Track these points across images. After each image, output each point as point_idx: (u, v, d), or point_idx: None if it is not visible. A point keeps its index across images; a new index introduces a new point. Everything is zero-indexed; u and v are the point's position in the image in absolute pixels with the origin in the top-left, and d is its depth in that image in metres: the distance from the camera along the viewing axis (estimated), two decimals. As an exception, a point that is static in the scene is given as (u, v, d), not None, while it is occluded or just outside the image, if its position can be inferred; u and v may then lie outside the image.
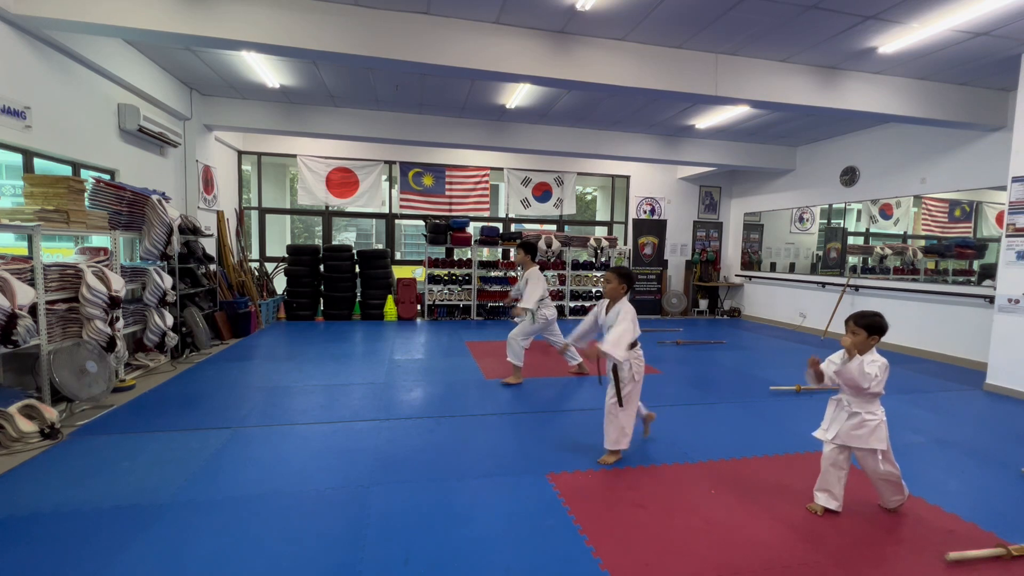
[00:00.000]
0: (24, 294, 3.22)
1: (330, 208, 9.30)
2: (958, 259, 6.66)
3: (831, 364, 2.55)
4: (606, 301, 3.26)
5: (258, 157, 8.93)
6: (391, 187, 9.43)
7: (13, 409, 3.19)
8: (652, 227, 10.12)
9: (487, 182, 9.69)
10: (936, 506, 2.70)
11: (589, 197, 13.26)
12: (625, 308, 3.09)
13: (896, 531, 2.45)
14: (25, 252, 3.57)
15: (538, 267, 5.07)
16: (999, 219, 5.91)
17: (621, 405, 3.05)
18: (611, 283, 3.17)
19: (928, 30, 4.45)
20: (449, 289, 9.09)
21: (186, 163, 6.76)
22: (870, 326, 2.44)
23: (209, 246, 7.17)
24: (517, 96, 6.58)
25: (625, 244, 10.39)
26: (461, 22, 4.59)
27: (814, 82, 5.47)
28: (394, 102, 7.12)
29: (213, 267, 6.87)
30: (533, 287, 4.87)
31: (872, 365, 2.41)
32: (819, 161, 8.61)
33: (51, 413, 3.33)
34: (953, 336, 6.41)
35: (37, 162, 4.28)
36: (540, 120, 7.87)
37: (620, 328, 2.99)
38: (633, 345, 3.06)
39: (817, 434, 2.62)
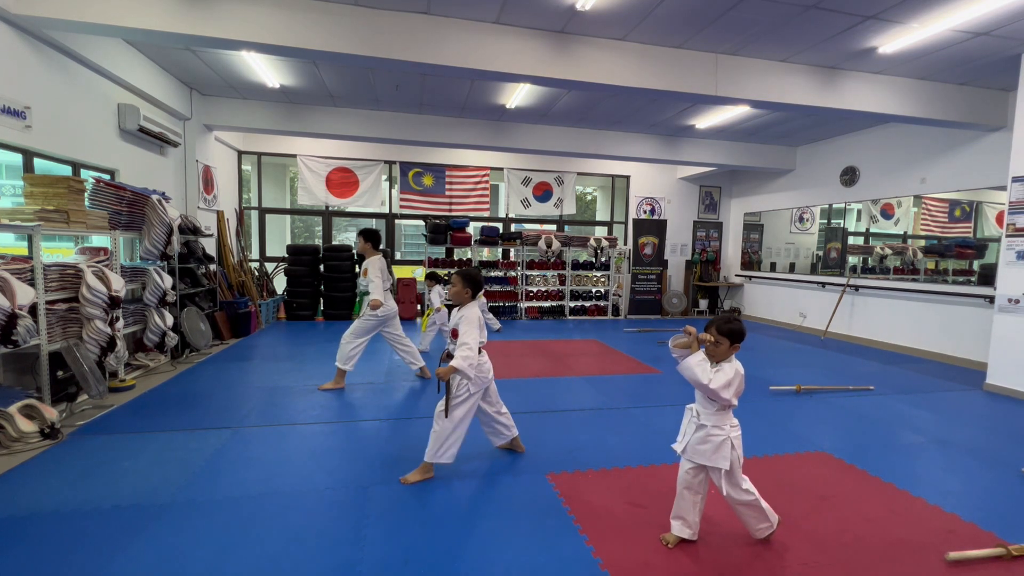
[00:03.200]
0: (24, 294, 3.22)
1: (330, 208, 9.30)
2: (958, 259, 6.65)
3: (695, 356, 2.16)
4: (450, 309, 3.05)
5: (258, 157, 8.93)
6: (391, 187, 9.44)
7: (13, 409, 3.19)
8: (652, 227, 10.12)
9: (487, 182, 9.68)
10: (936, 506, 2.70)
11: (589, 197, 13.26)
12: (468, 314, 2.85)
13: (896, 531, 2.45)
14: (25, 252, 3.57)
15: (381, 256, 4.64)
16: (999, 219, 5.91)
17: (447, 415, 2.80)
18: (455, 286, 2.96)
19: (928, 30, 4.45)
20: (449, 289, 9.07)
21: (186, 163, 6.75)
22: (734, 333, 2.15)
23: (209, 246, 7.17)
24: (517, 96, 6.58)
25: (625, 244, 10.39)
26: (461, 22, 4.59)
27: (814, 82, 5.47)
28: (394, 102, 7.12)
29: (213, 267, 6.87)
30: (375, 278, 4.47)
31: (721, 375, 2.11)
32: (819, 161, 8.61)
33: (51, 413, 3.33)
34: (953, 336, 6.41)
35: (37, 162, 4.28)
36: (540, 120, 7.87)
37: (465, 340, 2.74)
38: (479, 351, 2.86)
39: (675, 446, 2.33)
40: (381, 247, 4.89)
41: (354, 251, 8.75)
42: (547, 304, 9.64)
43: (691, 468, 2.24)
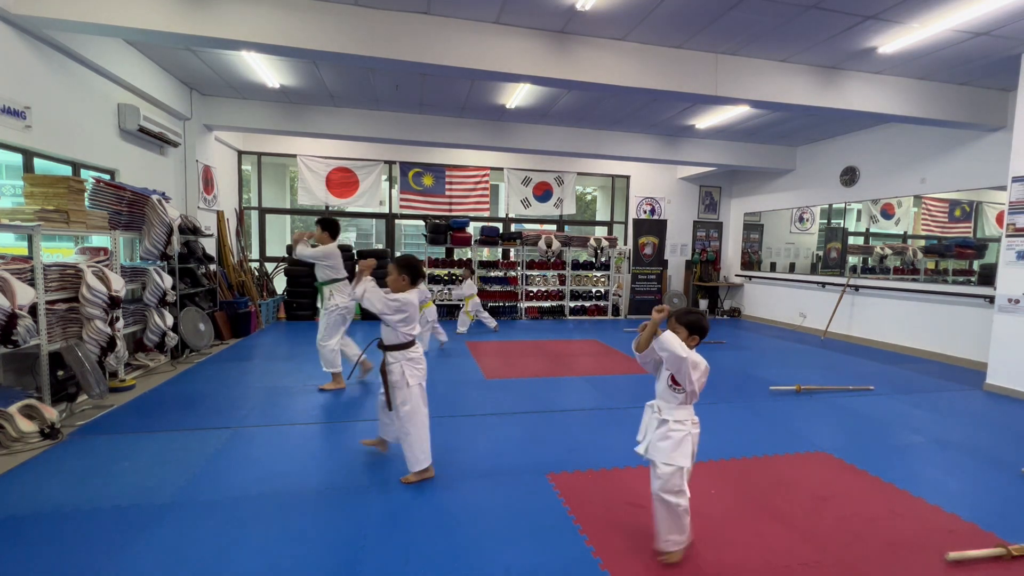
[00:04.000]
0: (24, 294, 3.22)
1: (330, 208, 9.30)
2: (958, 259, 6.66)
3: (670, 333, 2.10)
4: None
5: (258, 157, 8.93)
6: (391, 187, 9.43)
7: (13, 409, 3.19)
8: (652, 227, 10.12)
9: (487, 182, 9.68)
10: (936, 506, 2.70)
11: (589, 197, 13.26)
12: (408, 296, 2.79)
13: (896, 531, 2.45)
14: (25, 252, 3.57)
15: (335, 245, 4.55)
16: (999, 219, 5.91)
17: (390, 408, 2.83)
18: (391, 274, 2.88)
19: (928, 30, 4.45)
20: (449, 289, 9.08)
21: (186, 163, 6.75)
22: (692, 324, 2.11)
23: (209, 246, 7.17)
24: (517, 96, 6.58)
25: (625, 244, 10.39)
26: (461, 22, 4.59)
27: (814, 82, 5.47)
28: (394, 102, 7.12)
29: (213, 267, 6.87)
30: (313, 250, 4.39)
31: (696, 355, 2.07)
32: (819, 161, 8.61)
33: (51, 413, 3.33)
34: (953, 336, 6.41)
35: (37, 162, 4.28)
36: (540, 120, 7.87)
37: (386, 297, 2.74)
38: (408, 345, 2.82)
39: (638, 449, 2.21)
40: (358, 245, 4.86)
41: (353, 251, 8.75)
42: (547, 304, 9.64)
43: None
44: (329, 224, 4.59)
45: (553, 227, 10.26)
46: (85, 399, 3.92)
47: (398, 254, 10.89)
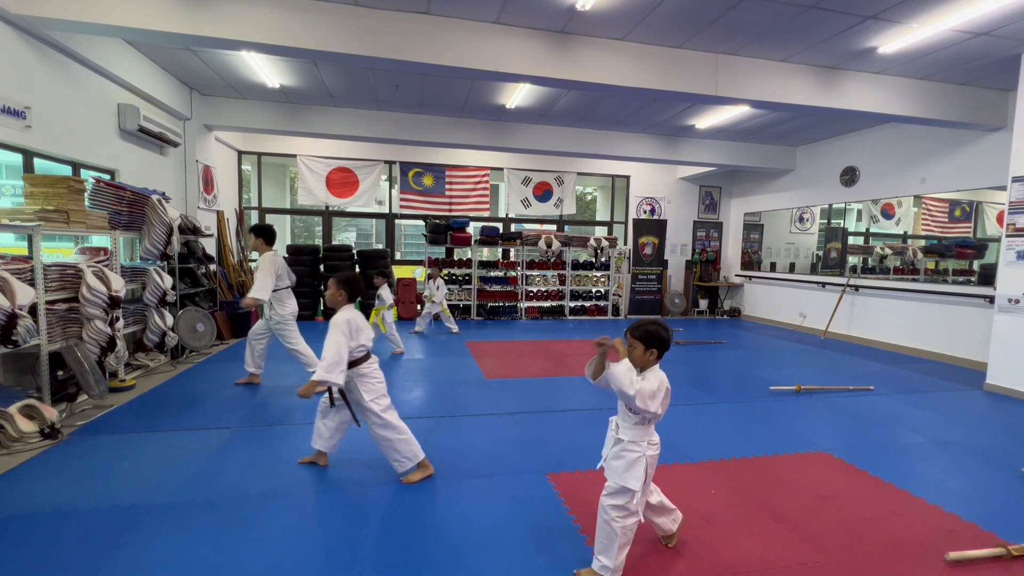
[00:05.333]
0: (24, 294, 3.22)
1: (330, 208, 9.31)
2: (958, 259, 6.66)
3: (622, 364, 1.96)
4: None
5: (258, 157, 8.93)
6: (391, 187, 9.43)
7: (13, 409, 3.19)
8: (652, 227, 10.12)
9: (487, 182, 9.69)
10: (936, 506, 2.70)
11: (589, 197, 13.26)
12: (336, 319, 2.69)
13: (896, 531, 2.45)
14: (25, 252, 3.57)
15: (275, 252, 4.40)
16: (999, 219, 5.91)
17: (358, 424, 2.81)
18: (330, 289, 2.80)
19: (928, 30, 4.45)
20: (449, 289, 9.09)
21: (186, 163, 6.75)
22: (647, 336, 1.95)
23: (209, 246, 7.17)
24: (517, 96, 6.58)
25: (625, 244, 10.39)
26: (461, 22, 4.59)
27: (814, 82, 5.47)
28: (394, 102, 7.12)
29: (213, 267, 6.87)
30: (262, 275, 4.22)
31: (646, 383, 1.91)
32: (819, 161, 8.61)
33: (51, 413, 3.33)
34: (953, 336, 6.41)
35: (37, 162, 4.28)
36: (540, 120, 7.87)
37: (329, 343, 2.60)
38: (365, 358, 2.77)
39: (598, 466, 2.12)
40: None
41: (353, 251, 8.75)
42: (547, 304, 9.64)
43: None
44: (263, 231, 4.43)
45: (553, 227, 10.27)
46: (85, 399, 3.92)
47: (398, 255, 10.90)
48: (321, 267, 8.55)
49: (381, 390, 2.81)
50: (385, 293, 6.17)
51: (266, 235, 4.43)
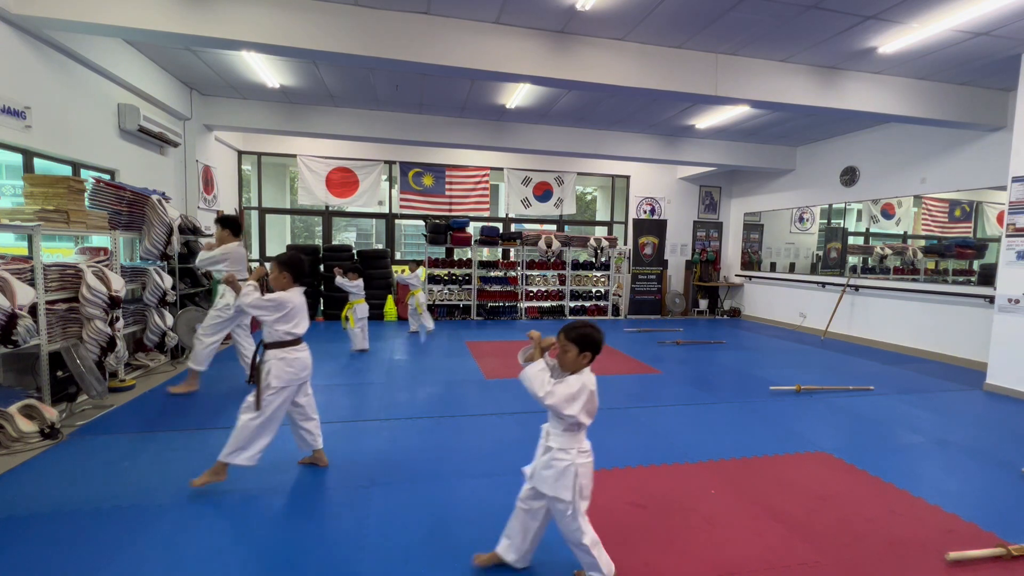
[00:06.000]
0: (24, 294, 3.21)
1: (330, 208, 9.31)
2: (958, 259, 6.66)
3: (535, 365, 1.92)
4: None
5: (258, 157, 8.93)
6: (391, 187, 9.43)
7: (13, 409, 3.19)
8: (652, 227, 10.12)
9: (487, 182, 9.69)
10: (936, 506, 2.70)
11: (589, 197, 13.26)
12: (276, 298, 2.66)
13: (896, 531, 2.45)
14: (25, 252, 3.57)
15: (240, 244, 4.31)
16: (999, 219, 5.91)
17: (258, 407, 2.65)
18: (272, 272, 2.75)
19: (928, 30, 4.45)
20: (449, 289, 9.09)
21: (186, 163, 6.75)
22: (582, 339, 1.89)
23: (209, 246, 7.16)
24: (517, 96, 6.58)
25: (625, 244, 10.39)
26: (461, 22, 4.59)
27: (814, 82, 5.47)
28: (394, 102, 7.12)
29: (213, 267, 6.86)
30: (224, 260, 4.12)
31: (563, 387, 1.84)
32: (819, 161, 8.61)
33: (51, 413, 3.33)
34: (953, 336, 6.41)
35: (37, 162, 4.28)
36: (540, 120, 7.87)
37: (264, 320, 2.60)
38: (291, 343, 2.72)
39: (524, 470, 2.07)
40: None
41: (354, 251, 8.75)
42: (547, 304, 9.64)
43: (530, 489, 2.00)
44: (229, 222, 4.34)
45: (553, 227, 10.27)
46: (85, 399, 3.92)
47: (398, 255, 10.91)
48: (321, 267, 8.54)
49: (286, 378, 2.69)
50: (356, 288, 6.11)
51: (233, 226, 4.34)
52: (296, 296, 2.73)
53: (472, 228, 9.32)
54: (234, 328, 4.46)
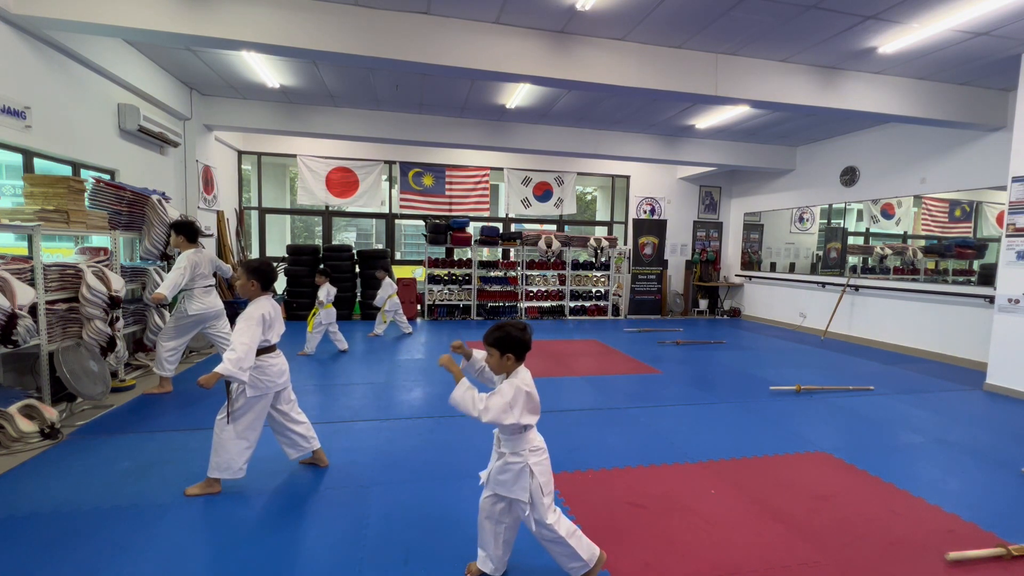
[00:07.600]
0: (24, 294, 3.22)
1: (330, 208, 9.31)
2: (958, 259, 6.65)
3: (459, 387, 1.89)
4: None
5: (258, 157, 8.93)
6: (391, 187, 9.44)
7: (13, 409, 3.19)
8: (652, 227, 10.12)
9: (487, 182, 9.69)
10: (936, 506, 2.70)
11: (589, 197, 13.26)
12: (250, 310, 2.62)
13: (896, 531, 2.45)
14: (25, 252, 3.57)
15: (198, 249, 4.24)
16: (999, 219, 5.91)
17: (228, 421, 2.62)
18: (239, 279, 2.70)
19: (928, 30, 4.45)
20: (449, 289, 9.09)
21: (186, 163, 6.75)
22: (499, 341, 1.88)
23: (209, 246, 7.17)
24: (517, 96, 6.58)
25: (625, 244, 10.39)
26: (461, 22, 4.59)
27: (814, 82, 5.47)
28: (394, 102, 7.12)
29: (213, 267, 6.86)
30: (173, 272, 4.00)
31: (497, 398, 1.83)
32: (819, 161, 8.61)
33: (51, 413, 3.33)
34: (953, 336, 6.40)
35: (37, 162, 4.28)
36: (540, 120, 7.87)
37: (235, 340, 2.53)
38: (265, 351, 2.70)
39: (481, 474, 2.05)
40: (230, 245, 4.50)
41: (353, 251, 8.75)
42: (547, 304, 9.64)
43: (489, 496, 1.97)
44: (183, 227, 4.28)
45: (553, 227, 10.27)
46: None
47: (399, 255, 10.90)
48: (321, 267, 8.53)
49: (261, 387, 2.66)
50: (323, 293, 6.01)
51: (187, 232, 4.28)
52: (266, 304, 2.69)
53: (472, 228, 9.33)
54: (216, 339, 4.53)
